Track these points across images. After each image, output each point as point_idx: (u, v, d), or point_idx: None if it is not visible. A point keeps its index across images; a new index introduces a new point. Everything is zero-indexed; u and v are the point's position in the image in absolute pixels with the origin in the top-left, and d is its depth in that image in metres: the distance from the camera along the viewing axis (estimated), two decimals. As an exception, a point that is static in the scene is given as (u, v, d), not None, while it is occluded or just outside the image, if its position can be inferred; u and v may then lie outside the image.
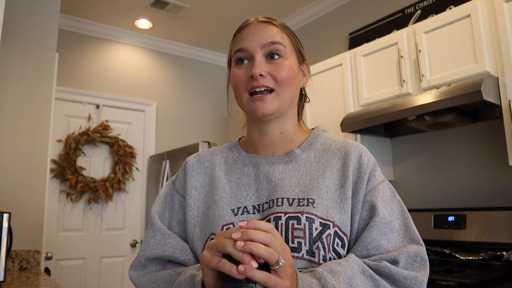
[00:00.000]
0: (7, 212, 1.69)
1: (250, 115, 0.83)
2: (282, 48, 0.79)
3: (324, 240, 0.72)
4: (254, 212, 0.77)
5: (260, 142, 0.84)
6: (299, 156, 0.82)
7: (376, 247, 0.72)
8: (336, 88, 2.49)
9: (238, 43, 0.82)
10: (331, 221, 0.73)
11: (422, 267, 0.72)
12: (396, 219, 0.76)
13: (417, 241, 0.74)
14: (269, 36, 0.79)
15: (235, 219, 0.77)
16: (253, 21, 0.83)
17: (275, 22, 0.82)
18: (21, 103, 2.24)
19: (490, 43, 1.79)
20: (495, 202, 2.02)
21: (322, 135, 0.87)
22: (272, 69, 0.78)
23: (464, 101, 1.72)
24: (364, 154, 0.81)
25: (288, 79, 0.78)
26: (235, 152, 0.88)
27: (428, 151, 2.36)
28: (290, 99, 0.80)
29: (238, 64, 0.81)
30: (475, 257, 1.77)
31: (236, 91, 0.81)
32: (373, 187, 0.78)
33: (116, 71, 3.67)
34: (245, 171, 0.83)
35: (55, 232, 3.17)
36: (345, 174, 0.78)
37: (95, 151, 3.44)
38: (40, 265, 2.15)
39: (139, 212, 3.60)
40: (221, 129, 4.22)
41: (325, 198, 0.75)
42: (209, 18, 3.48)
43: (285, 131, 0.83)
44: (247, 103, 0.79)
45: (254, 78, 0.77)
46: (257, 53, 0.78)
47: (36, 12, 2.35)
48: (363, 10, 2.91)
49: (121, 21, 3.54)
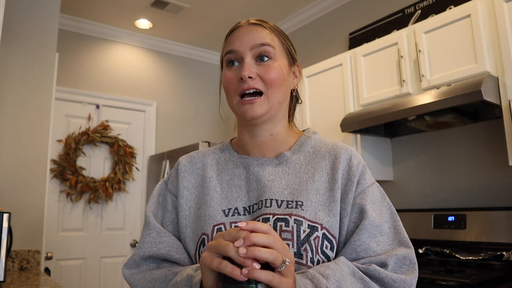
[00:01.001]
0: (7, 212, 1.69)
1: (240, 118, 0.83)
2: (271, 49, 0.79)
3: (312, 242, 0.72)
4: (245, 214, 0.78)
5: (251, 143, 0.85)
6: (289, 158, 0.82)
7: (365, 250, 0.73)
8: (336, 88, 2.49)
9: (228, 45, 0.82)
10: (319, 224, 0.73)
11: (411, 270, 0.72)
12: (386, 221, 0.76)
13: (406, 244, 0.75)
14: (259, 38, 0.79)
15: (225, 220, 0.77)
16: (244, 23, 0.83)
17: (265, 25, 0.82)
18: (21, 103, 2.24)
19: (490, 43, 1.79)
20: (495, 202, 2.02)
21: (312, 137, 0.87)
22: (261, 71, 0.78)
23: (464, 101, 1.72)
24: (354, 157, 0.81)
25: (277, 81, 0.78)
26: (226, 153, 0.89)
27: (428, 151, 2.36)
28: (279, 101, 0.80)
29: (229, 66, 0.81)
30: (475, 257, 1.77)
31: (227, 94, 0.81)
32: (363, 190, 0.78)
33: (116, 71, 3.67)
34: (236, 172, 0.84)
35: (55, 232, 3.17)
36: (334, 177, 0.78)
37: (95, 151, 3.44)
38: (40, 265, 2.15)
39: (139, 212, 3.60)
40: (221, 129, 4.22)
41: (313, 200, 0.76)
42: (209, 18, 3.48)
43: (275, 133, 0.84)
44: (237, 106, 0.80)
45: (243, 80, 0.77)
46: (247, 55, 0.78)
47: (36, 12, 2.35)
48: (363, 10, 2.91)
49: (121, 21, 3.54)
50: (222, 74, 0.84)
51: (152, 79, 3.87)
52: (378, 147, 2.48)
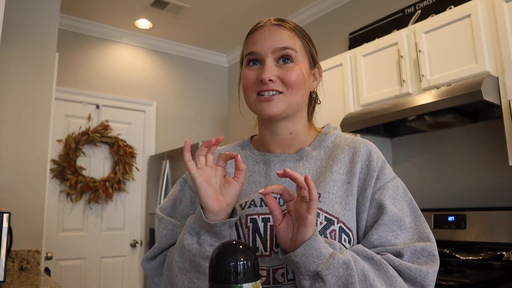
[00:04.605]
0: (7, 212, 1.69)
1: (257, 115, 0.84)
2: (293, 53, 0.79)
3: (328, 235, 0.72)
4: (262, 205, 0.78)
5: (271, 141, 0.85)
6: (309, 154, 0.83)
7: (382, 243, 0.73)
8: (336, 88, 2.49)
9: (250, 45, 0.82)
10: (335, 217, 0.74)
11: (429, 262, 0.71)
12: (407, 216, 0.76)
13: (426, 238, 0.74)
14: (281, 40, 0.79)
15: (241, 213, 0.77)
16: (266, 23, 0.83)
17: (287, 25, 0.82)
18: (21, 103, 2.24)
19: (490, 43, 1.79)
20: (495, 202, 2.02)
21: (332, 133, 0.87)
22: (282, 73, 0.78)
23: (464, 101, 1.72)
24: (374, 151, 0.81)
25: (297, 84, 0.78)
26: (247, 150, 0.89)
27: (428, 151, 2.36)
28: (298, 103, 0.81)
29: (249, 66, 0.81)
30: (475, 257, 1.77)
31: (245, 91, 0.82)
32: (382, 186, 0.77)
33: (116, 71, 3.67)
34: (256, 169, 0.84)
35: (55, 232, 3.17)
36: (352, 171, 0.78)
37: (95, 151, 3.44)
38: (40, 265, 2.15)
39: (139, 212, 3.60)
40: (221, 129, 4.22)
41: (331, 192, 0.76)
42: (209, 18, 3.48)
43: (295, 131, 0.84)
44: (254, 103, 0.80)
45: (263, 82, 0.77)
46: (268, 57, 0.78)
47: (36, 12, 2.35)
48: (363, 10, 2.91)
49: (121, 21, 3.54)
50: (241, 72, 0.84)
51: (152, 79, 3.87)
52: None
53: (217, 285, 0.56)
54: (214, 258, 0.57)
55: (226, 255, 0.57)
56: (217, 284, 0.56)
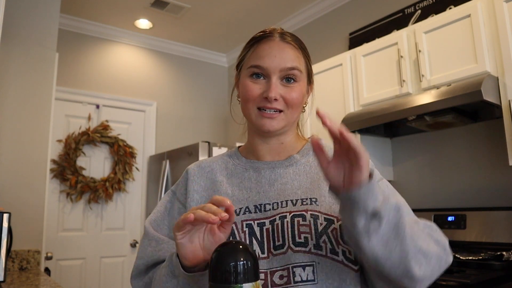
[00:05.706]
0: (7, 212, 1.69)
1: (256, 128, 0.84)
2: (298, 73, 0.81)
3: (330, 234, 0.74)
4: (256, 212, 0.79)
5: (262, 148, 0.86)
6: (298, 161, 0.85)
7: None
8: (336, 88, 2.49)
9: (257, 58, 0.81)
10: (334, 216, 0.76)
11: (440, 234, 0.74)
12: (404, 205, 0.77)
13: None
14: (290, 60, 0.80)
15: (237, 219, 0.78)
16: (274, 35, 0.83)
17: (296, 44, 0.83)
18: (21, 103, 2.24)
19: (490, 43, 1.79)
20: (495, 202, 2.02)
21: None
22: (286, 92, 0.80)
23: (464, 101, 1.72)
24: None
25: (297, 103, 0.81)
26: (235, 158, 0.90)
27: (428, 151, 2.36)
28: (295, 120, 0.85)
29: (253, 78, 0.81)
30: (475, 257, 1.77)
31: (245, 102, 0.82)
32: None
33: (116, 71, 3.67)
34: (246, 176, 0.85)
35: (55, 232, 3.17)
36: None
37: (95, 151, 3.44)
38: (40, 265, 2.15)
39: (139, 212, 3.60)
40: (221, 129, 4.22)
41: (326, 195, 0.78)
42: (209, 18, 3.48)
43: (285, 141, 0.87)
44: (255, 117, 0.81)
45: (268, 100, 0.78)
46: (275, 75, 0.79)
47: (36, 12, 2.35)
48: (363, 10, 2.91)
49: (121, 21, 3.54)
50: (240, 79, 0.85)
51: (152, 79, 3.87)
52: (378, 147, 2.48)
53: (217, 285, 0.56)
54: (214, 258, 0.57)
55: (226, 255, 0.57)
56: (217, 284, 0.56)
